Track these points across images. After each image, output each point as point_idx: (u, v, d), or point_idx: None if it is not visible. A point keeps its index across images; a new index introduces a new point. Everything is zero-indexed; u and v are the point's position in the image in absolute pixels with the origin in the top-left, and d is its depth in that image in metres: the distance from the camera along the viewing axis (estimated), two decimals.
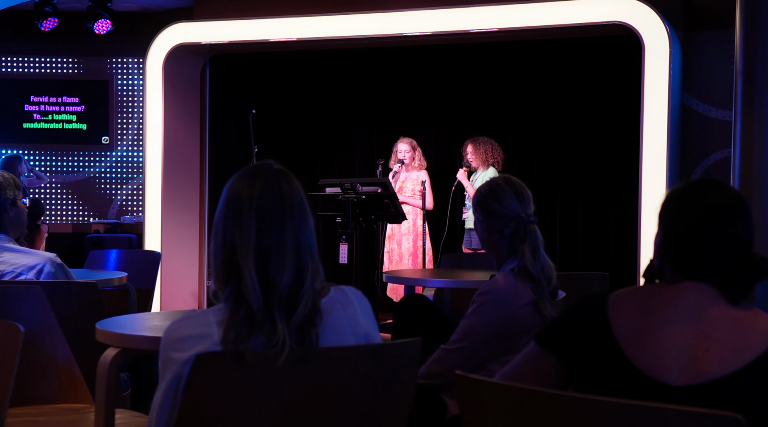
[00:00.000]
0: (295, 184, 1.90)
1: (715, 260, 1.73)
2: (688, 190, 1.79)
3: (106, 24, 8.04)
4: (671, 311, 1.71)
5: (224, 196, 1.89)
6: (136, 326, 2.72)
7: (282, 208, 1.84)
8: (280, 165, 1.92)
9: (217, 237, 1.87)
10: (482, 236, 2.86)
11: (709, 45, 6.94)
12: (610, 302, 1.75)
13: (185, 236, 8.04)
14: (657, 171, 6.36)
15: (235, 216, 1.85)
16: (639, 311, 1.73)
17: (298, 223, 1.85)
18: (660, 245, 1.81)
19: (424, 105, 8.60)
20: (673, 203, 1.80)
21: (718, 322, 1.69)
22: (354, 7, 7.37)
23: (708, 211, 1.74)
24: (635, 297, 1.77)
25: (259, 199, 1.84)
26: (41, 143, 9.05)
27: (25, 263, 3.30)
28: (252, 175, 1.89)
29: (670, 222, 1.78)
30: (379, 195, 6.31)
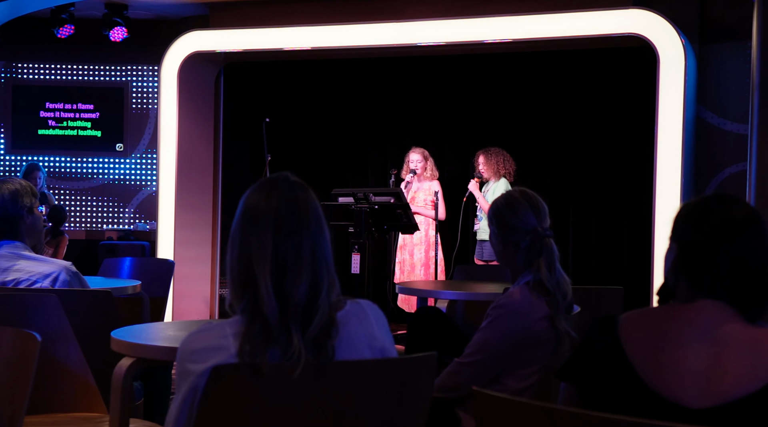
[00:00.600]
0: (311, 196, 1.90)
1: (731, 277, 1.71)
2: (704, 204, 1.76)
3: (121, 32, 8.08)
4: (687, 331, 1.69)
5: (241, 207, 1.89)
6: (151, 335, 2.72)
7: (299, 221, 1.84)
8: (297, 177, 1.92)
9: (234, 249, 1.87)
10: (497, 248, 2.86)
11: (725, 58, 6.93)
12: (621, 325, 1.73)
13: (198, 244, 8.06)
14: (671, 184, 6.34)
15: (251, 228, 1.85)
16: (653, 332, 1.71)
17: (314, 235, 1.85)
18: (674, 261, 1.77)
19: (436, 115, 8.60)
20: (688, 218, 1.77)
21: (736, 341, 1.67)
22: (368, 16, 7.39)
23: (725, 225, 1.71)
24: (648, 318, 1.74)
25: (276, 211, 1.84)
26: (56, 150, 9.09)
27: (40, 270, 3.31)
28: (269, 186, 1.89)
29: (686, 237, 1.75)
30: (392, 205, 6.31)
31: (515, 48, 7.34)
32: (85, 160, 9.09)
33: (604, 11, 6.64)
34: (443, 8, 7.22)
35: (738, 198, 1.78)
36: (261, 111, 8.12)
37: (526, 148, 8.09)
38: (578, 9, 6.71)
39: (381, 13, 7.38)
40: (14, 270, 3.30)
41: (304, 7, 7.59)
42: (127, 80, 9.08)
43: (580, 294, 3.52)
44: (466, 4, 7.17)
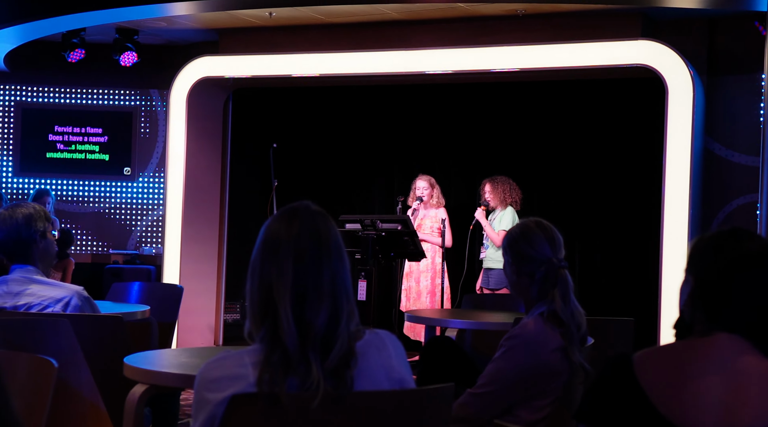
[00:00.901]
0: (332, 225, 1.91)
1: (748, 311, 1.72)
2: (720, 238, 1.78)
3: (132, 56, 8.13)
4: (705, 364, 1.69)
5: (262, 236, 1.90)
6: (164, 362, 2.72)
7: (319, 250, 1.85)
8: (318, 206, 1.93)
9: (254, 277, 1.87)
10: (511, 278, 2.86)
11: (733, 90, 6.96)
12: (636, 364, 1.73)
13: (204, 269, 8.06)
14: (679, 215, 6.35)
15: (272, 256, 1.85)
16: (671, 367, 1.71)
17: (334, 264, 1.86)
18: (690, 295, 1.78)
19: (443, 143, 8.63)
20: (705, 251, 1.78)
21: (754, 374, 1.68)
22: (376, 44, 7.44)
23: (742, 260, 1.73)
24: (664, 354, 1.75)
25: (296, 240, 1.85)
26: (63, 173, 9.11)
27: (52, 295, 3.32)
28: (290, 215, 1.89)
29: (702, 270, 1.77)
30: (399, 232, 6.32)
31: (523, 77, 7.38)
32: (93, 183, 9.11)
33: (613, 42, 6.68)
34: (451, 37, 7.27)
35: (754, 233, 1.80)
36: (269, 136, 8.15)
37: (533, 177, 8.10)
38: (587, 40, 6.75)
39: (389, 41, 7.43)
40: (26, 294, 3.31)
41: (313, 34, 7.64)
42: (136, 105, 9.12)
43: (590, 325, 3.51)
44: (473, 33, 7.22)
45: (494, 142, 8.43)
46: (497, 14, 7.06)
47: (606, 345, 3.45)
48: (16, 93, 9.16)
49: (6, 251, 3.35)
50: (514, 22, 7.06)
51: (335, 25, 7.56)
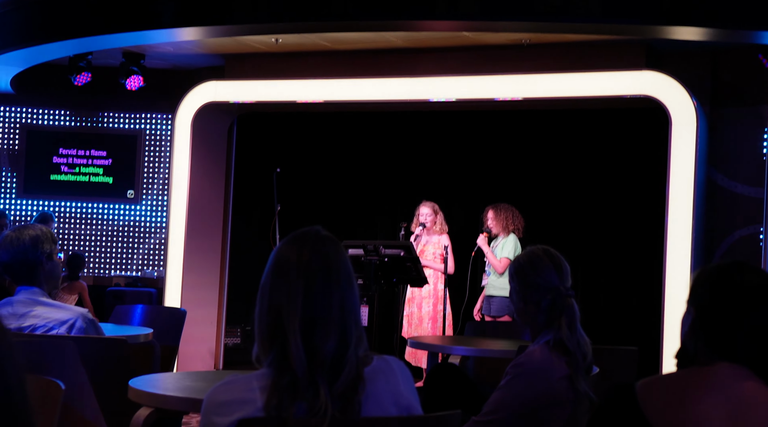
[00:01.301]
0: (342, 251, 1.91)
1: (749, 340, 1.74)
2: (722, 270, 1.81)
3: (138, 80, 8.17)
4: (707, 392, 1.71)
5: (272, 260, 1.90)
6: (169, 385, 2.72)
7: (329, 275, 1.85)
8: (328, 232, 1.93)
9: (263, 301, 1.87)
10: (518, 306, 2.86)
11: (736, 121, 6.99)
12: (639, 392, 1.74)
13: (205, 293, 8.05)
14: (682, 244, 6.35)
15: (282, 281, 1.85)
16: (672, 395, 1.72)
17: (344, 290, 1.86)
18: (692, 325, 1.81)
19: (447, 169, 8.65)
20: (706, 283, 1.81)
21: (756, 404, 1.69)
22: (381, 71, 7.48)
23: (744, 291, 1.76)
24: (667, 383, 1.77)
25: (306, 265, 1.85)
26: (67, 195, 9.13)
27: (57, 317, 3.31)
28: (300, 241, 1.90)
29: (704, 301, 1.79)
30: (402, 258, 6.32)
31: (527, 106, 7.41)
32: (96, 206, 9.13)
33: (617, 72, 6.72)
34: (455, 65, 7.32)
35: (755, 266, 1.83)
36: (272, 161, 8.18)
37: (535, 205, 8.11)
38: (591, 70, 6.79)
39: (394, 68, 7.47)
40: (31, 316, 3.31)
41: (318, 61, 7.69)
42: (141, 128, 9.16)
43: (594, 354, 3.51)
44: (478, 62, 7.26)
45: (497, 169, 8.45)
46: (502, 43, 7.10)
47: (610, 374, 3.45)
48: (22, 115, 9.20)
49: (12, 273, 3.36)
50: (519, 52, 7.11)
51: (340, 52, 7.61)
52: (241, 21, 6.48)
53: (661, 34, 6.11)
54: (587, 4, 5.80)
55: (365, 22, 6.31)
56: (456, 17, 6.06)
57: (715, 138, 7.00)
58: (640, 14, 5.83)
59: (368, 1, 6.16)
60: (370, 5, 6.16)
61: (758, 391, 1.72)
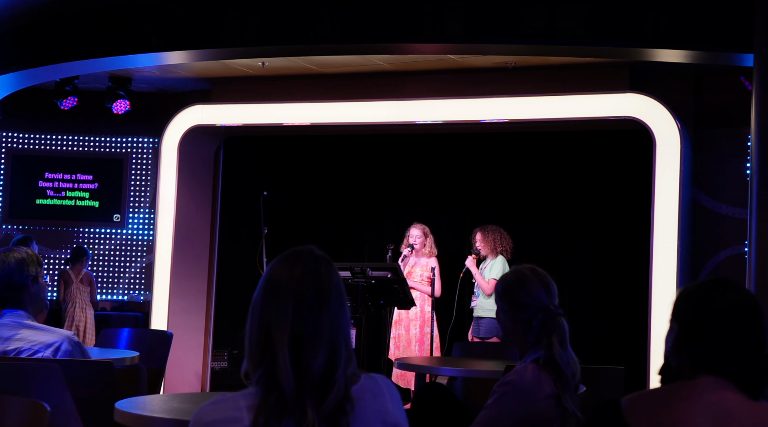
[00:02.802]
0: (334, 270, 1.92)
1: (731, 355, 1.79)
2: (703, 288, 1.87)
3: (124, 104, 8.18)
4: (691, 406, 1.75)
5: (264, 277, 1.90)
6: (155, 407, 2.70)
7: (320, 294, 1.85)
8: (322, 251, 1.94)
9: (254, 317, 1.87)
10: (506, 325, 2.86)
11: (720, 142, 7.05)
12: (625, 407, 1.78)
13: (192, 316, 8.02)
14: (667, 265, 6.38)
15: (273, 298, 1.85)
16: (657, 410, 1.76)
17: (334, 309, 1.86)
18: (675, 341, 1.86)
19: (434, 192, 8.67)
20: (689, 301, 1.86)
21: (738, 416, 1.73)
22: (368, 94, 7.52)
23: (725, 308, 1.81)
24: (652, 398, 1.80)
25: (298, 283, 1.85)
26: (52, 219, 9.10)
27: (42, 340, 3.30)
28: (293, 259, 1.90)
29: (686, 318, 1.85)
30: (389, 280, 6.32)
31: (513, 128, 7.46)
32: (82, 230, 9.09)
33: (601, 95, 6.78)
34: (441, 88, 7.36)
35: (735, 283, 1.88)
36: (259, 184, 8.18)
37: (523, 226, 8.14)
38: (576, 92, 6.85)
39: (380, 91, 7.51)
40: (16, 339, 3.29)
41: (305, 84, 7.72)
42: (127, 152, 9.15)
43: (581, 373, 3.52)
44: (464, 85, 7.31)
45: (485, 191, 8.48)
46: (487, 66, 7.16)
47: (597, 393, 3.46)
48: (7, 139, 9.18)
49: None
50: (504, 74, 7.16)
51: (327, 76, 7.64)
52: (228, 44, 6.51)
53: (645, 57, 6.17)
54: (571, 27, 5.86)
55: (351, 45, 6.35)
56: (442, 40, 6.11)
57: (699, 159, 7.06)
58: (624, 37, 5.89)
59: (354, 25, 6.20)
60: (356, 29, 6.20)
61: (740, 403, 1.76)
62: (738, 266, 6.68)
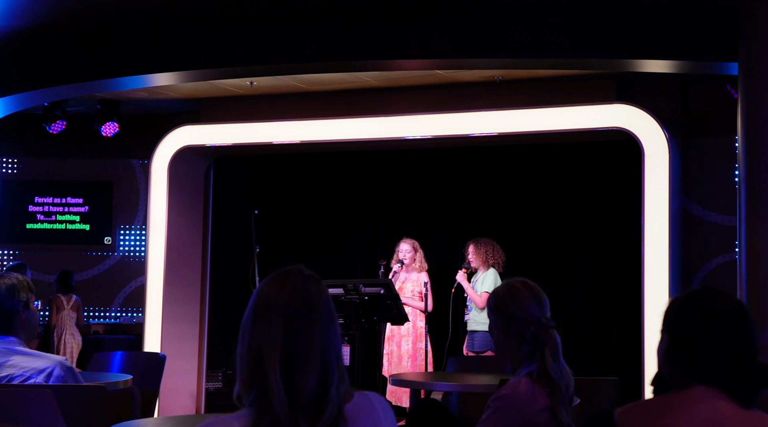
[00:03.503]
0: (323, 290, 1.91)
1: (722, 364, 1.80)
2: (694, 297, 1.88)
3: (113, 127, 8.18)
4: (684, 417, 1.76)
5: (253, 298, 1.90)
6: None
7: (310, 314, 1.85)
8: (311, 270, 1.93)
9: (244, 339, 1.87)
10: (498, 339, 2.85)
11: (707, 151, 7.08)
12: (618, 418, 1.79)
13: (185, 336, 7.99)
14: (659, 274, 6.39)
15: (263, 319, 1.84)
16: (651, 420, 1.77)
17: (325, 329, 1.86)
18: (666, 351, 1.87)
19: (425, 206, 8.68)
20: (678, 311, 1.88)
21: (731, 424, 1.75)
22: (356, 111, 7.53)
23: (715, 317, 1.83)
24: (645, 408, 1.81)
25: (287, 303, 1.85)
26: (43, 243, 9.07)
27: (34, 366, 3.28)
28: (282, 279, 1.90)
29: (677, 328, 1.86)
30: (382, 296, 6.32)
31: (502, 141, 7.48)
32: (73, 253, 9.06)
33: (589, 106, 6.81)
34: (430, 103, 7.38)
35: (724, 292, 1.90)
36: (250, 203, 8.18)
37: (515, 239, 8.15)
38: (563, 104, 6.88)
39: (369, 108, 7.53)
40: (8, 366, 3.27)
41: (293, 102, 7.73)
42: (117, 174, 9.14)
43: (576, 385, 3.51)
44: (452, 99, 7.34)
45: (475, 205, 8.49)
46: (474, 80, 7.19)
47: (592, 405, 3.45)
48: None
49: None
50: (492, 88, 7.19)
51: (315, 93, 7.66)
52: (215, 65, 6.52)
53: (631, 67, 6.20)
54: (557, 40, 5.89)
55: (338, 62, 6.37)
56: (428, 56, 6.14)
57: (687, 168, 7.09)
58: (609, 48, 5.93)
59: (340, 42, 6.22)
60: (342, 46, 6.22)
61: (733, 412, 1.77)
62: (730, 273, 6.70)
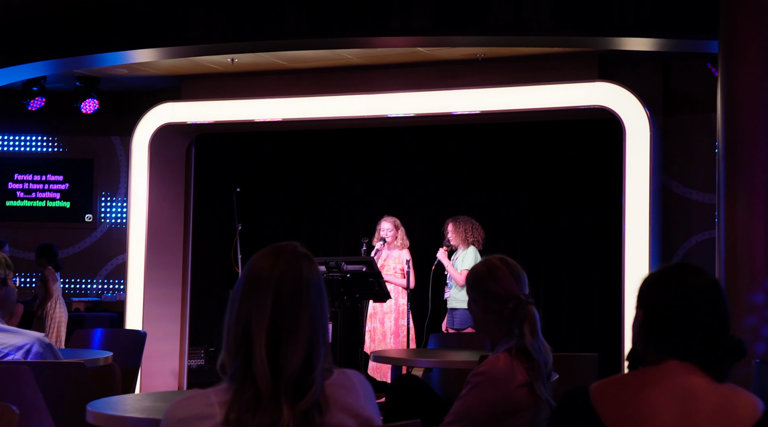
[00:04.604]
0: (315, 267, 1.91)
1: (696, 339, 1.82)
2: (667, 273, 1.90)
3: (93, 104, 8.11)
4: (657, 391, 1.77)
5: (245, 271, 1.89)
6: (127, 407, 2.69)
7: (300, 292, 1.85)
8: (304, 248, 1.93)
9: (233, 310, 1.86)
10: (477, 316, 2.87)
11: (688, 129, 7.11)
12: (593, 393, 1.80)
13: (167, 314, 7.98)
14: (639, 251, 6.43)
15: (252, 292, 1.84)
16: (625, 395, 1.78)
17: (313, 308, 1.85)
18: (640, 327, 1.88)
19: (407, 184, 8.69)
20: (653, 286, 1.89)
21: (704, 399, 1.76)
22: (338, 89, 7.51)
23: (688, 292, 1.84)
24: (619, 383, 1.82)
25: (278, 279, 1.85)
26: (23, 221, 9.01)
27: (13, 343, 3.27)
28: (275, 254, 1.89)
29: (651, 303, 1.87)
30: (364, 273, 6.33)
31: (484, 119, 7.48)
32: (53, 231, 9.01)
33: (570, 84, 6.81)
34: (412, 81, 7.37)
35: (698, 267, 1.91)
36: (232, 181, 8.16)
37: (497, 217, 8.17)
38: (545, 82, 6.87)
39: (351, 85, 7.50)
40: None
41: (275, 80, 7.69)
42: (98, 152, 9.08)
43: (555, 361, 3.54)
44: (434, 77, 7.32)
45: (457, 183, 8.50)
46: (456, 58, 7.17)
47: (571, 381, 3.48)
48: None
49: None
50: (474, 66, 7.18)
51: (297, 71, 7.62)
52: (196, 41, 6.48)
53: (613, 45, 6.21)
54: (539, 18, 5.88)
55: (319, 39, 6.34)
56: (410, 33, 6.12)
57: (668, 146, 7.11)
58: (591, 26, 5.93)
59: (321, 19, 6.19)
60: (324, 22, 6.19)
61: (706, 386, 1.79)
62: (709, 250, 6.74)
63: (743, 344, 1.83)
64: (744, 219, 4.56)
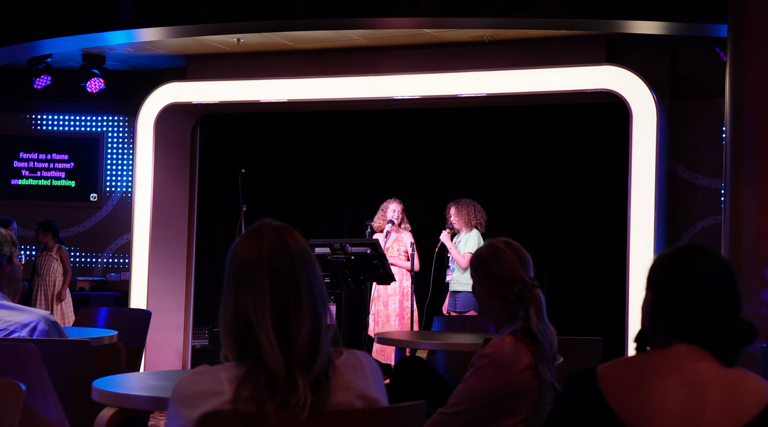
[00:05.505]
0: (299, 237, 1.89)
1: (704, 322, 1.79)
2: (678, 254, 1.86)
3: (98, 82, 8.10)
4: (665, 374, 1.76)
5: (231, 262, 1.85)
6: (132, 385, 2.70)
7: (293, 265, 1.83)
8: (278, 221, 1.91)
9: (228, 305, 1.83)
10: (482, 299, 2.86)
11: (695, 114, 7.08)
12: (600, 376, 1.78)
13: (171, 294, 8.00)
14: (644, 235, 6.42)
15: (246, 281, 1.81)
16: (632, 378, 1.77)
17: (309, 275, 1.84)
18: (650, 309, 1.85)
19: (412, 166, 8.67)
20: (662, 267, 1.86)
21: (713, 384, 1.74)
22: (344, 70, 7.48)
23: (698, 274, 1.80)
24: (627, 366, 1.80)
25: (269, 259, 1.83)
26: (28, 200, 9.02)
27: (18, 320, 3.27)
28: (256, 236, 1.86)
29: (660, 285, 1.84)
30: (369, 256, 6.33)
31: (490, 102, 7.46)
32: (58, 210, 9.02)
33: (577, 67, 6.78)
34: (419, 63, 7.34)
35: (709, 249, 1.87)
36: (237, 161, 8.14)
37: (501, 200, 8.16)
38: (552, 65, 6.85)
39: (357, 67, 7.48)
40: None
41: (281, 61, 7.67)
42: (103, 131, 9.07)
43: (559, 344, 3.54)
44: (440, 59, 7.29)
45: (462, 165, 8.48)
46: (463, 41, 7.14)
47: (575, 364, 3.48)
48: None
49: None
50: (481, 48, 7.15)
51: (303, 52, 7.59)
52: (202, 21, 6.46)
53: (620, 29, 6.18)
54: (546, 0, 5.85)
55: (325, 20, 6.31)
56: (417, 14, 6.09)
57: (675, 131, 7.09)
58: (599, 9, 5.90)
59: None
60: (331, 3, 6.17)
61: (714, 371, 1.77)
62: (715, 235, 6.74)
63: (754, 328, 1.79)
64: (751, 204, 4.55)
